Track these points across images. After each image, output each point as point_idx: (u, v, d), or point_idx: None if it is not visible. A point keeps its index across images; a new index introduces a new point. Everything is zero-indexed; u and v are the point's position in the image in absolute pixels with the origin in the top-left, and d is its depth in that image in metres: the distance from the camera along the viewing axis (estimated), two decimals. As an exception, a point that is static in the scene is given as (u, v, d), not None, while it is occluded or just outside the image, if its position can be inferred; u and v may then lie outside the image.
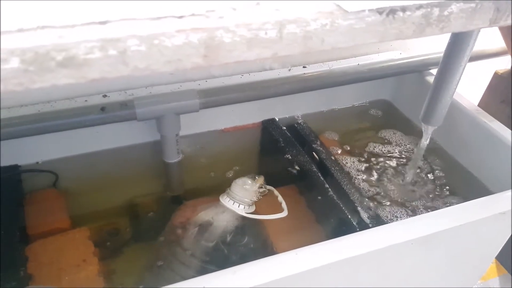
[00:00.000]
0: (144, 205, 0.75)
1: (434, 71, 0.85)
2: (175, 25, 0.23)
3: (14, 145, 0.72)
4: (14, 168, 0.74)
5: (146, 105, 0.69)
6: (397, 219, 0.68)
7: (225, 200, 0.68)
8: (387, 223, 0.67)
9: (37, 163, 0.76)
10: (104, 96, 0.75)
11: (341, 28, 0.26)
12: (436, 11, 0.28)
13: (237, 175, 0.76)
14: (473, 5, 0.29)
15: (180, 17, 0.24)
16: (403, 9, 0.27)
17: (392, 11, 0.27)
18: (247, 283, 0.45)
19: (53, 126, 0.68)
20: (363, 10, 0.26)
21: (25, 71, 0.21)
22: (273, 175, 0.77)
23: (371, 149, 0.82)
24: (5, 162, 0.74)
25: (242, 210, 0.67)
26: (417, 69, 0.84)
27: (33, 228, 0.68)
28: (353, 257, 0.51)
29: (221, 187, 0.72)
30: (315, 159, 0.78)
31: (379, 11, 0.27)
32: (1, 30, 0.21)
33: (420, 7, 0.28)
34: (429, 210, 0.70)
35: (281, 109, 0.89)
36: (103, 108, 0.67)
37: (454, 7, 0.28)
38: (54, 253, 0.65)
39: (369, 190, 0.74)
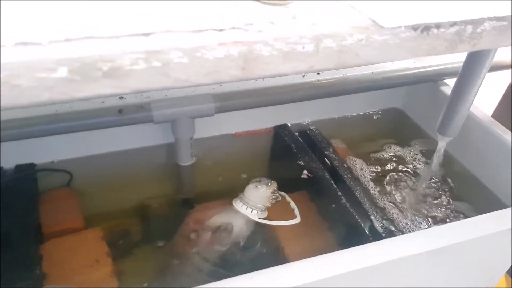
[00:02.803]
0: (156, 207, 0.76)
1: (448, 81, 0.85)
2: (215, 38, 0.24)
3: (31, 144, 0.73)
4: (30, 167, 0.75)
5: (163, 108, 0.70)
6: (410, 230, 0.68)
7: (238, 205, 0.68)
8: (399, 233, 0.67)
9: (52, 162, 0.77)
10: (121, 98, 0.75)
11: (375, 43, 0.27)
12: (469, 28, 0.28)
13: (249, 180, 0.77)
14: (505, 23, 0.29)
15: (221, 30, 0.24)
16: (437, 26, 0.28)
17: (426, 28, 0.27)
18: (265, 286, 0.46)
19: (70, 127, 0.69)
20: (399, 27, 0.26)
21: (71, 81, 0.21)
22: (285, 181, 0.77)
23: (383, 157, 0.82)
24: (22, 161, 0.75)
25: (255, 215, 0.67)
26: (432, 78, 0.84)
27: (48, 226, 0.68)
28: (368, 267, 0.51)
29: (232, 191, 0.73)
30: (327, 166, 0.78)
31: (414, 28, 0.27)
32: (49, 39, 0.22)
33: (454, 24, 0.28)
34: (442, 221, 0.70)
35: (293, 115, 0.89)
36: (120, 110, 0.68)
37: (487, 24, 0.28)
38: (67, 252, 0.65)
39: (382, 199, 0.74)
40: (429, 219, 0.71)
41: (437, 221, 0.71)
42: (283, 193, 0.72)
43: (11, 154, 0.74)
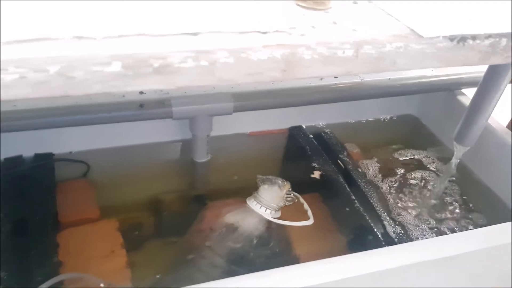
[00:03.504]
0: (170, 201, 0.77)
1: (465, 90, 0.86)
2: (260, 40, 0.25)
3: (50, 134, 0.74)
4: (49, 156, 0.76)
5: (183, 105, 0.71)
6: (421, 237, 0.69)
7: (252, 204, 0.69)
8: (412, 239, 0.67)
9: (70, 152, 0.78)
10: (141, 93, 0.76)
11: (413, 51, 0.27)
12: (504, 41, 0.29)
13: (262, 179, 0.77)
14: (538, 38, 0.30)
15: (265, 32, 0.25)
16: (473, 37, 0.28)
17: (462, 39, 0.28)
18: (279, 286, 0.46)
19: (91, 119, 0.70)
20: (437, 36, 0.27)
21: (123, 75, 0.22)
22: (298, 182, 0.77)
23: (397, 163, 0.83)
24: (41, 150, 0.76)
25: (268, 214, 0.68)
26: (449, 87, 0.84)
27: (64, 216, 0.69)
28: (380, 271, 0.52)
29: (246, 190, 0.73)
30: (341, 169, 0.79)
31: (451, 38, 0.28)
32: (103, 35, 0.22)
33: (489, 36, 0.29)
34: (453, 230, 0.71)
35: (308, 117, 0.90)
36: (142, 105, 0.69)
37: (522, 38, 0.29)
38: (83, 242, 0.66)
39: (396, 205, 0.74)
40: (441, 227, 0.71)
41: (449, 229, 0.71)
42: (296, 194, 0.73)
43: (31, 143, 0.75)
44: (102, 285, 0.58)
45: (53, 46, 0.21)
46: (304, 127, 0.88)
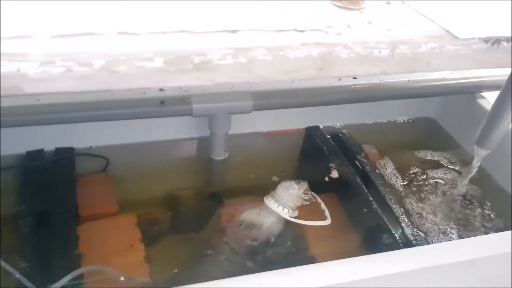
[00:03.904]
0: (187, 198, 0.77)
1: (485, 94, 0.85)
2: (297, 38, 0.25)
3: (72, 129, 0.75)
4: (70, 151, 0.77)
5: (203, 102, 0.71)
6: (440, 240, 0.68)
7: (269, 202, 0.69)
8: (430, 242, 0.67)
9: (91, 147, 0.79)
10: (161, 90, 0.77)
11: (448, 52, 0.27)
12: (539, 44, 0.29)
13: (279, 178, 0.78)
14: None
15: (302, 31, 0.25)
16: (508, 39, 0.28)
17: (497, 41, 0.28)
18: (300, 285, 0.47)
19: (112, 115, 0.71)
20: (473, 38, 0.27)
21: (164, 71, 0.23)
22: (314, 182, 0.77)
23: (416, 166, 0.82)
24: (62, 144, 0.77)
25: (286, 213, 0.68)
26: (469, 90, 0.84)
27: (84, 209, 0.70)
28: (399, 273, 0.52)
29: (262, 188, 0.74)
30: (358, 170, 0.79)
31: (486, 40, 0.28)
32: (147, 31, 0.23)
33: (524, 39, 0.28)
34: (471, 234, 0.70)
35: (326, 117, 0.90)
36: (163, 102, 0.70)
37: (557, 42, 0.29)
38: (103, 235, 0.67)
39: (413, 207, 0.74)
40: (460, 231, 0.71)
41: (468, 233, 0.70)
42: (313, 194, 0.73)
43: (53, 137, 0.76)
44: (122, 278, 0.59)
45: (98, 41, 0.22)
46: (321, 127, 0.88)
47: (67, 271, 0.56)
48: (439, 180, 0.80)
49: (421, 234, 0.68)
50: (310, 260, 0.67)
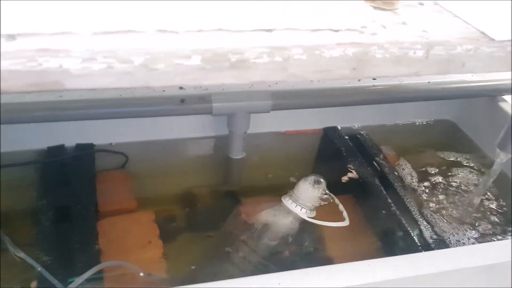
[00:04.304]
0: (204, 196, 0.78)
1: (506, 97, 0.84)
2: (332, 37, 0.25)
3: (92, 125, 0.76)
4: (90, 147, 0.78)
5: (223, 101, 0.71)
6: (460, 244, 0.68)
7: (287, 202, 0.69)
8: (449, 246, 0.67)
9: (110, 144, 0.80)
10: (180, 88, 0.77)
11: (482, 54, 0.27)
12: None
13: (296, 178, 0.77)
14: None
15: (337, 30, 0.25)
16: (545, 42, 0.28)
17: (534, 43, 0.28)
18: (320, 285, 0.47)
19: (133, 112, 0.71)
20: (508, 40, 0.27)
21: (201, 69, 0.23)
22: (331, 183, 0.77)
23: (434, 168, 0.82)
24: (82, 140, 0.78)
25: (304, 213, 0.68)
26: (490, 93, 0.83)
27: (103, 205, 0.71)
28: (418, 276, 0.51)
29: (279, 188, 0.74)
30: (377, 172, 0.78)
31: (522, 42, 0.27)
32: (185, 29, 0.23)
33: (561, 42, 0.28)
34: (493, 238, 0.69)
35: (344, 118, 0.89)
36: (183, 100, 0.70)
37: None
38: (121, 231, 0.68)
39: (433, 210, 0.73)
40: (480, 235, 0.70)
41: (488, 237, 0.70)
42: (331, 195, 0.73)
43: (73, 133, 0.77)
44: (141, 274, 0.59)
45: (138, 39, 0.22)
46: (339, 128, 0.87)
47: (87, 265, 0.57)
48: (459, 183, 0.79)
49: (440, 237, 0.67)
50: (327, 261, 0.67)
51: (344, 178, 0.78)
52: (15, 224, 0.67)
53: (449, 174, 0.81)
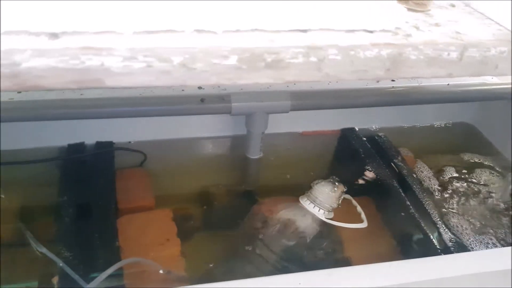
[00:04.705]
0: (221, 195, 0.78)
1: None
2: (366, 38, 0.25)
3: (111, 123, 0.77)
4: (109, 145, 0.79)
5: (242, 101, 0.72)
6: (480, 247, 0.67)
7: (305, 202, 0.69)
8: (468, 249, 0.66)
9: (129, 142, 0.81)
10: (199, 88, 0.78)
11: (516, 56, 0.27)
12: None
13: (313, 179, 0.77)
14: None
15: (371, 31, 0.26)
16: None
17: None
18: (342, 285, 0.47)
19: (152, 111, 0.72)
20: (543, 42, 0.26)
21: (238, 69, 0.23)
22: (348, 184, 0.77)
23: (454, 171, 0.81)
24: (102, 138, 0.79)
25: (322, 214, 0.68)
26: (510, 96, 0.82)
27: (123, 202, 0.72)
28: (437, 279, 0.51)
29: (296, 188, 0.74)
30: (395, 174, 0.78)
31: (557, 45, 0.27)
32: (222, 29, 0.23)
33: None
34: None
35: (361, 119, 0.89)
36: (202, 100, 0.71)
37: None
38: (140, 229, 0.68)
39: (452, 213, 0.73)
40: (499, 239, 0.69)
41: (508, 241, 0.69)
42: (349, 197, 0.73)
43: (93, 131, 0.79)
44: (161, 271, 0.60)
45: (177, 38, 0.22)
46: (357, 129, 0.87)
47: (107, 262, 0.58)
48: (478, 186, 0.78)
49: (459, 240, 0.67)
50: (345, 262, 0.67)
51: (362, 180, 0.78)
52: (37, 219, 0.68)
53: (468, 177, 0.80)
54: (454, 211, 0.73)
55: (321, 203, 0.69)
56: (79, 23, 0.22)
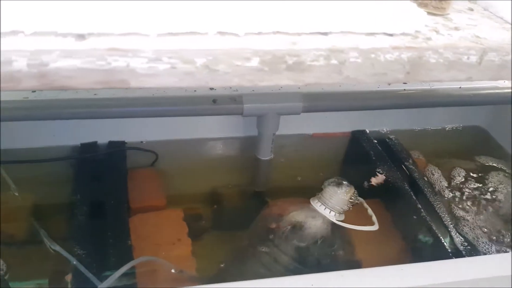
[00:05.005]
0: (232, 195, 0.78)
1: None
2: (386, 41, 0.25)
3: (124, 123, 0.78)
4: (121, 144, 0.80)
5: (254, 102, 0.72)
6: (491, 252, 0.67)
7: (316, 204, 0.69)
8: (480, 253, 0.66)
9: (141, 142, 0.81)
10: (211, 88, 0.78)
11: (536, 61, 0.27)
12: None
13: (324, 181, 0.77)
14: None
15: (391, 34, 0.26)
16: None
17: None
18: (354, 286, 0.47)
19: (164, 111, 0.73)
20: None
21: (259, 70, 0.24)
22: (359, 187, 0.77)
23: (465, 175, 0.81)
24: (114, 138, 0.80)
25: (333, 216, 0.68)
26: (524, 100, 0.81)
27: (135, 202, 0.72)
28: (449, 283, 0.51)
29: (307, 190, 0.74)
30: (406, 177, 0.78)
31: None
32: (244, 31, 0.24)
33: None
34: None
35: (372, 122, 0.89)
36: (215, 100, 0.71)
37: None
38: (152, 228, 0.69)
39: (464, 217, 0.72)
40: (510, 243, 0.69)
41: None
42: (360, 199, 0.72)
43: (106, 130, 0.79)
44: (173, 270, 0.60)
45: (200, 40, 0.23)
46: (368, 131, 0.87)
47: (120, 260, 0.58)
48: (490, 190, 0.78)
49: (471, 244, 0.67)
50: (356, 264, 0.67)
51: (373, 182, 0.78)
52: (50, 217, 0.69)
53: (479, 181, 0.80)
54: (466, 214, 0.73)
55: (332, 205, 0.69)
56: (104, 24, 0.22)
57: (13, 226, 0.67)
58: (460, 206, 0.75)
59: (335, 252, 0.67)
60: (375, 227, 0.68)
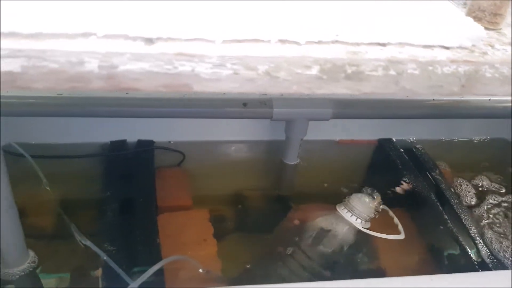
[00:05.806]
0: (257, 198, 0.79)
1: None
2: (443, 54, 0.25)
3: (153, 123, 0.79)
4: (150, 143, 0.81)
5: (283, 107, 0.72)
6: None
7: (343, 211, 0.70)
8: (506, 267, 0.65)
9: (169, 142, 0.82)
10: (240, 91, 0.79)
11: None
12: None
13: (349, 188, 0.77)
14: None
15: (448, 47, 0.26)
16: None
17: None
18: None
19: (194, 113, 0.73)
20: None
21: (318, 79, 0.24)
22: (384, 195, 0.77)
23: (492, 187, 0.80)
24: (142, 137, 0.81)
25: (359, 224, 0.68)
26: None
27: (162, 200, 0.73)
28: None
29: (331, 196, 0.74)
30: (432, 187, 0.77)
31: None
32: (305, 39, 0.24)
33: None
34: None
35: (399, 130, 0.88)
36: (245, 104, 0.72)
37: None
38: (178, 227, 0.69)
39: (491, 229, 0.72)
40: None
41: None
42: (386, 208, 0.72)
43: (135, 129, 0.80)
44: (201, 270, 0.61)
45: (262, 48, 0.23)
46: (394, 140, 0.87)
47: (148, 257, 0.59)
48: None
49: (497, 257, 0.66)
50: (380, 273, 0.66)
51: (399, 191, 0.78)
52: (81, 213, 0.70)
53: (506, 193, 0.79)
54: (493, 226, 0.72)
55: (359, 212, 0.69)
56: (171, 29, 0.23)
57: (44, 220, 0.68)
58: (486, 218, 0.74)
59: (360, 259, 0.67)
60: (401, 236, 0.68)
